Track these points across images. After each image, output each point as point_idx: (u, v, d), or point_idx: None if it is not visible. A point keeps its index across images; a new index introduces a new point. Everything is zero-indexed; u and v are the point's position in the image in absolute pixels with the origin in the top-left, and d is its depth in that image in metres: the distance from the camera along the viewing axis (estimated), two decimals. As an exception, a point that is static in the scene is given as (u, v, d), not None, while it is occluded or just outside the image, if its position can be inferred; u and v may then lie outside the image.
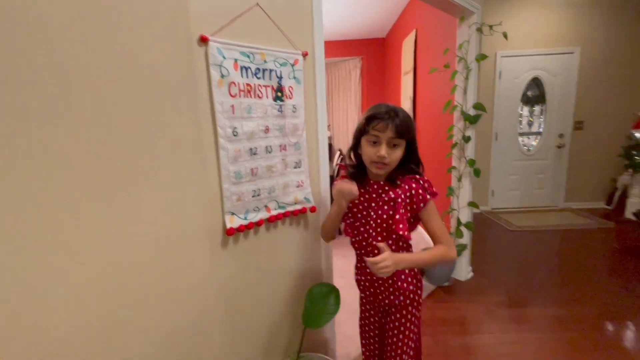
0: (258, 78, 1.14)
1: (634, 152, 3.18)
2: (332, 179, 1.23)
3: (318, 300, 1.22)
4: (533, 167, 4.51)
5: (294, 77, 1.24)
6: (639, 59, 4.13)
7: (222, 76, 1.03)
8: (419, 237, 3.23)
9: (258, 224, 1.20)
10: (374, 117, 0.99)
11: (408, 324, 1.13)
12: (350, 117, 5.39)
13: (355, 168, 1.12)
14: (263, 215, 1.21)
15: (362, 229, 1.09)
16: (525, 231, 3.77)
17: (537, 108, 4.47)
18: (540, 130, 4.47)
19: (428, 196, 1.03)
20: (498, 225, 4.01)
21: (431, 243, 1.09)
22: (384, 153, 0.99)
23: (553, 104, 4.36)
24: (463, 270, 2.71)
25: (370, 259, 0.93)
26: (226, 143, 1.07)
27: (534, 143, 4.52)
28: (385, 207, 1.05)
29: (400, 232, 0.99)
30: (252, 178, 1.16)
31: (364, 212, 1.09)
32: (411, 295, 1.13)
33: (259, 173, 1.17)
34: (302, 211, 1.34)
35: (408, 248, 1.11)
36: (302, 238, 1.38)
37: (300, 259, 1.38)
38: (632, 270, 2.82)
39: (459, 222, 2.59)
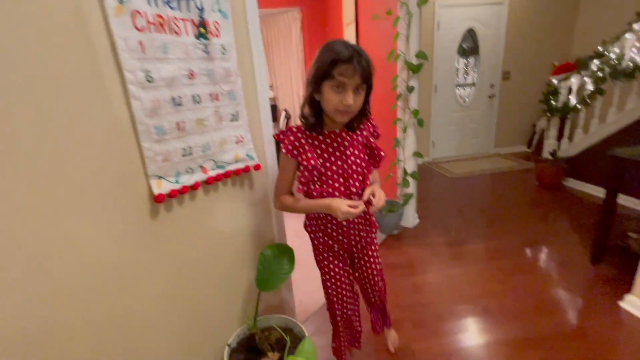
0: (172, 8, 0.92)
1: (551, 98, 3.52)
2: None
3: (271, 262, 1.15)
4: (468, 118, 4.80)
5: (220, 10, 1.04)
6: (560, 10, 4.44)
7: (121, 2, 0.80)
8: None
9: (194, 187, 1.04)
10: (339, 60, 0.88)
11: (377, 257, 1.32)
12: (294, 75, 5.11)
13: (314, 117, 1.01)
14: (199, 177, 1.06)
15: (330, 181, 1.04)
16: (462, 177, 4.09)
17: (471, 60, 4.66)
18: (474, 81, 4.71)
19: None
20: (439, 174, 4.28)
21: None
22: (351, 101, 0.92)
23: (485, 55, 4.57)
24: (410, 218, 2.85)
25: (376, 205, 0.99)
26: (139, 91, 0.86)
27: (469, 94, 4.77)
28: (357, 152, 1.06)
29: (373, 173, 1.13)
30: (180, 134, 0.98)
31: (332, 165, 1.04)
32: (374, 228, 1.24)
33: (187, 128, 1.00)
34: (245, 170, 1.21)
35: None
36: (248, 199, 1.26)
37: (248, 222, 1.27)
38: (547, 202, 3.24)
39: (405, 173, 2.66)
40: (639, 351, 1.50)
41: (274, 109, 5.07)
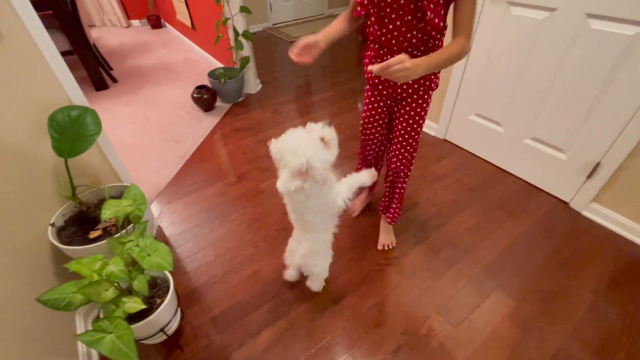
0: None
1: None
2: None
3: (67, 126, 0.99)
4: (301, -27, 4.55)
5: None
6: None
7: None
8: (205, 61, 3.00)
9: None
10: None
11: (421, 112, 1.13)
12: None
13: None
14: None
15: (386, 19, 0.93)
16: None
17: None
18: None
19: None
20: (279, 39, 4.20)
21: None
22: None
23: None
24: (252, 84, 2.85)
25: (384, 63, 0.80)
26: None
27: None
28: None
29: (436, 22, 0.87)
30: None
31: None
32: (427, 83, 1.08)
33: None
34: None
35: (440, 39, 0.99)
36: None
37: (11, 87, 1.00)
38: (368, 55, 3.72)
39: (236, 33, 2.49)
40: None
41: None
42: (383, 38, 0.99)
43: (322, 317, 1.25)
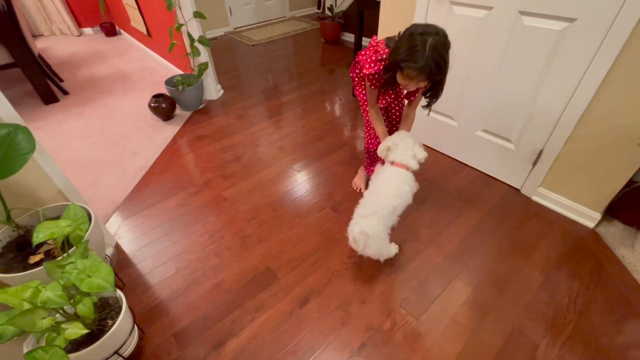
0: None
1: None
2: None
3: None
4: (259, -23, 4.52)
5: None
6: None
7: None
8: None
9: None
10: (409, 67, 1.08)
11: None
12: None
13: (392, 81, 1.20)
14: None
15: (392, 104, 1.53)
16: (263, 43, 4.11)
17: None
18: None
19: None
20: (241, 43, 4.15)
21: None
22: (413, 89, 1.26)
23: None
24: (212, 90, 2.79)
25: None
26: None
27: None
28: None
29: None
30: None
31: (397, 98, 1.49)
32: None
33: None
34: None
35: None
36: None
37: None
38: (331, 55, 3.76)
39: (191, 39, 2.43)
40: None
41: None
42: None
43: (287, 322, 1.24)
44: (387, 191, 1.27)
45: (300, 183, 1.92)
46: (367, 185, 1.84)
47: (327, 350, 1.16)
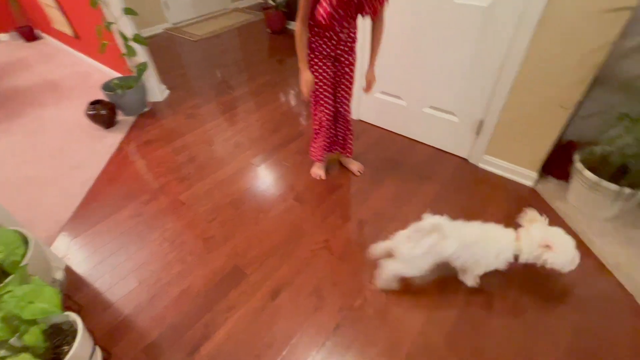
0: None
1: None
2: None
3: None
4: (193, -33, 4.28)
5: None
6: None
7: None
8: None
9: None
10: None
11: (354, 64, 1.53)
12: None
13: None
14: None
15: (343, 13, 1.23)
16: (206, 38, 3.93)
17: None
18: None
19: None
20: (183, 39, 3.93)
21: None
22: None
23: None
24: (156, 91, 2.64)
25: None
26: None
27: None
28: None
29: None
30: None
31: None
32: (355, 43, 1.48)
33: None
34: None
35: None
36: None
37: None
38: (279, 45, 3.70)
39: (125, 38, 2.26)
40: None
41: None
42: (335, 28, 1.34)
43: (261, 317, 1.24)
44: (490, 251, 1.16)
45: (260, 177, 1.89)
46: (327, 171, 1.86)
47: (303, 336, 1.18)
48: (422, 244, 1.11)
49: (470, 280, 1.28)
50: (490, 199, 1.68)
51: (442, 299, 1.28)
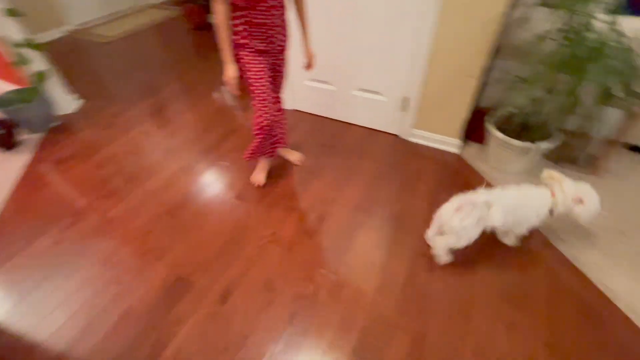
0: None
1: None
2: None
3: None
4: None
5: None
6: None
7: None
8: None
9: None
10: None
11: (286, 59, 1.49)
12: None
13: None
14: None
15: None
16: (121, 39, 3.59)
17: None
18: None
19: None
20: (91, 42, 3.54)
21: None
22: None
23: None
24: (64, 102, 2.35)
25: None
26: None
27: None
28: None
29: None
30: None
31: None
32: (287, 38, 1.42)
33: None
34: None
35: None
36: None
37: None
38: (202, 41, 3.51)
39: (14, 44, 1.96)
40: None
41: None
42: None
43: (213, 323, 1.20)
44: (531, 211, 1.26)
45: (197, 180, 1.80)
46: (268, 175, 1.76)
47: (260, 332, 1.16)
48: (472, 215, 1.18)
49: (512, 240, 1.38)
50: (422, 169, 1.80)
51: (390, 267, 1.35)
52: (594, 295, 1.25)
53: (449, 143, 1.87)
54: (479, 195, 1.20)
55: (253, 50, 1.34)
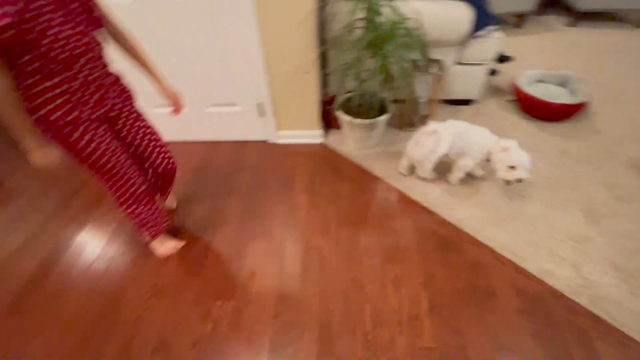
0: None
1: None
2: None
3: None
4: None
5: None
6: None
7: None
8: None
9: None
10: None
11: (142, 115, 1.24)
12: None
13: None
14: None
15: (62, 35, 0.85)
16: None
17: None
18: None
19: None
20: None
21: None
22: None
23: None
24: None
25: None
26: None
27: None
28: None
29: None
30: None
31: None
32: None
33: None
34: None
35: None
36: None
37: None
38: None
39: None
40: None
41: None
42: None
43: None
44: (474, 141, 1.48)
45: (43, 253, 1.48)
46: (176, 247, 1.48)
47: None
48: (427, 143, 1.48)
49: (455, 178, 1.62)
50: (296, 165, 1.86)
51: (285, 270, 1.35)
52: (449, 229, 1.50)
53: (313, 135, 1.98)
54: (430, 125, 1.49)
55: (87, 121, 1.02)
